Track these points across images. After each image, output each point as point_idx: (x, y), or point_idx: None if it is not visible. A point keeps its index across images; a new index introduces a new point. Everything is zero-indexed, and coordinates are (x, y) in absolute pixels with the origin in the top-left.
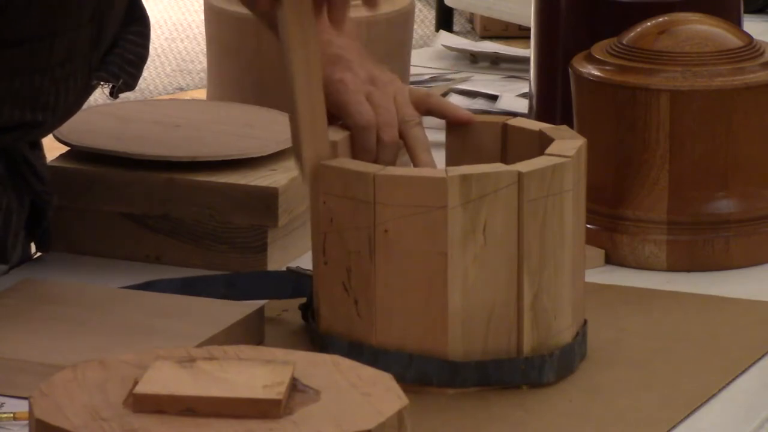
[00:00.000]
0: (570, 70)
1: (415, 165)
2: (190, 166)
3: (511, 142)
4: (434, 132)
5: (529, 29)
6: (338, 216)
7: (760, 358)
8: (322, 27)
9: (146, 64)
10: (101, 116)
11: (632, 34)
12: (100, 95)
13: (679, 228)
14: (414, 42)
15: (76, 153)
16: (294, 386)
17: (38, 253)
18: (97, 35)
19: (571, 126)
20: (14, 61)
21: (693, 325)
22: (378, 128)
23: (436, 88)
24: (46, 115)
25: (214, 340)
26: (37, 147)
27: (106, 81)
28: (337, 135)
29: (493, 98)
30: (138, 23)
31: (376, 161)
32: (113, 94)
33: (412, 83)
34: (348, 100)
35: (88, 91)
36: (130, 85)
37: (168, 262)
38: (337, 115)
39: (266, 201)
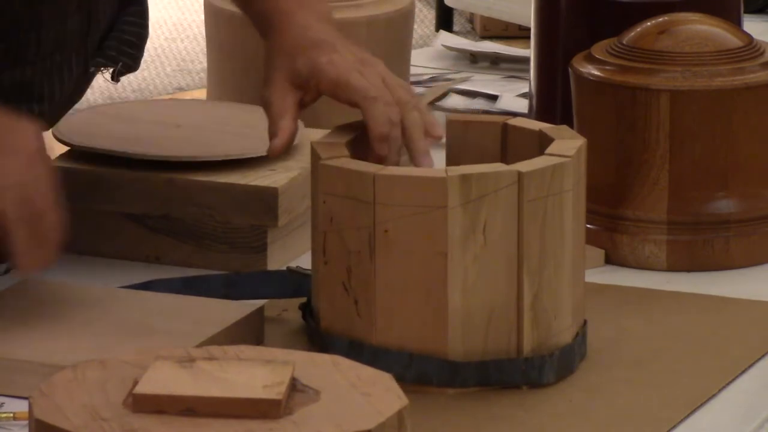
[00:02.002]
0: (570, 70)
1: (413, 151)
2: (190, 166)
3: (511, 142)
4: None
5: (529, 29)
6: (338, 216)
7: (760, 358)
8: (300, 11)
9: (146, 65)
10: (101, 116)
11: (632, 34)
12: (100, 95)
13: (679, 228)
14: (414, 42)
15: (76, 153)
16: (294, 386)
17: None
18: (87, 23)
19: (571, 126)
20: (1, 56)
21: (693, 325)
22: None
23: (436, 87)
24: (42, 107)
25: (214, 340)
26: None
27: (105, 66)
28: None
29: (493, 98)
30: (136, 3)
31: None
32: (114, 77)
33: (412, 83)
34: (348, 77)
35: (88, 78)
36: (131, 67)
37: (168, 262)
38: (335, 96)
39: (266, 201)
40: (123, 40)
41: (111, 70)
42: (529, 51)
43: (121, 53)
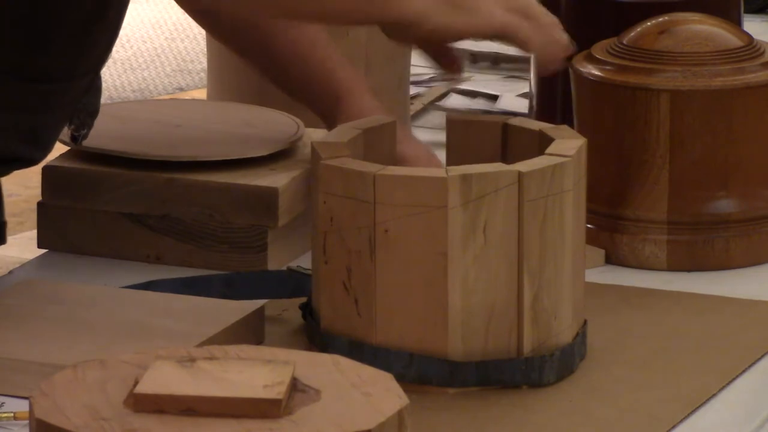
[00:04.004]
0: (570, 70)
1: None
2: (190, 166)
3: (511, 142)
4: (434, 132)
5: None
6: (338, 216)
7: (760, 358)
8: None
9: (146, 65)
10: (101, 116)
11: (632, 34)
12: (103, 98)
13: (679, 228)
14: None
15: (76, 153)
16: (294, 386)
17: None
18: (91, 81)
19: (571, 126)
20: (34, 97)
21: (693, 325)
22: None
23: (436, 88)
24: (38, 153)
25: (214, 340)
26: None
27: (79, 128)
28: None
29: (493, 98)
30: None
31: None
32: (76, 140)
33: (412, 83)
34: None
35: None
36: (86, 137)
37: (168, 262)
38: None
39: (266, 201)
40: (88, 109)
41: (72, 132)
42: None
43: (87, 120)
